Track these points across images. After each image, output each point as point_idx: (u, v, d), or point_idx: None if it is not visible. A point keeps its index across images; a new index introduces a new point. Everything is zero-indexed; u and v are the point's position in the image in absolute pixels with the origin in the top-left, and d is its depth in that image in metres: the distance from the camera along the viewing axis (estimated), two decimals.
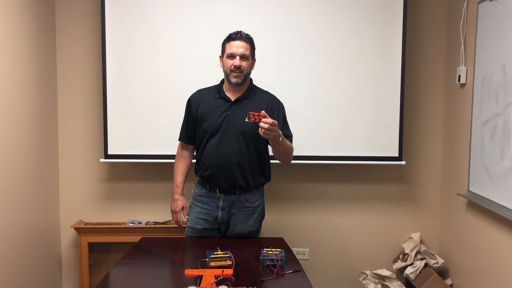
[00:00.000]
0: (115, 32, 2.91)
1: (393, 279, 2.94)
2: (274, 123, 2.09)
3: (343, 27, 2.92)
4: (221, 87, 2.42)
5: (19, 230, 2.63)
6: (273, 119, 2.32)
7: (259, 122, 2.08)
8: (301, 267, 2.01)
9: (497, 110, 2.38)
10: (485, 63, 2.52)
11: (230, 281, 1.76)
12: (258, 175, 2.41)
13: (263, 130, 2.09)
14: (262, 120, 2.08)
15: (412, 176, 3.17)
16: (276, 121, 2.12)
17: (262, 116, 2.08)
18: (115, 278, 1.97)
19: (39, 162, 2.85)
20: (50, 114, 3.01)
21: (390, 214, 3.19)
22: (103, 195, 3.15)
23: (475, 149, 2.61)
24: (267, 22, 2.91)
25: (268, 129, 2.08)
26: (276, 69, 2.93)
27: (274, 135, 2.14)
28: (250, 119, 2.08)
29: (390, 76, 2.95)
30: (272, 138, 2.16)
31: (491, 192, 2.44)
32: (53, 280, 3.08)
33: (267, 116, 2.10)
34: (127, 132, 2.96)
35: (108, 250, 3.11)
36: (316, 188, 3.17)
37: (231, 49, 2.30)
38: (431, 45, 3.09)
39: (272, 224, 3.12)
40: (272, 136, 2.14)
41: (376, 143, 2.99)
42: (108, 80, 2.92)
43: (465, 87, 2.80)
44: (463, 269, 2.82)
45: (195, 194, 2.47)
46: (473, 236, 2.69)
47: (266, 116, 2.09)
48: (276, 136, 2.16)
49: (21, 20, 2.62)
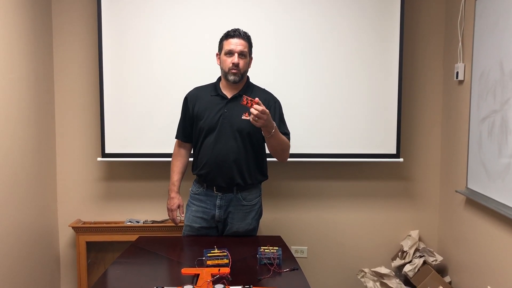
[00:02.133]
0: (111, 31, 2.91)
1: (391, 276, 2.94)
2: (264, 111, 2.07)
3: (340, 25, 2.92)
4: (217, 85, 2.41)
5: (17, 230, 2.63)
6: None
7: (251, 106, 2.07)
8: (298, 265, 2.00)
9: (494, 107, 2.37)
10: (483, 60, 2.51)
11: (226, 280, 1.75)
12: (256, 173, 2.40)
13: (252, 116, 2.08)
14: (254, 106, 2.06)
15: (410, 174, 3.16)
16: (267, 110, 2.09)
17: (255, 102, 2.07)
18: (112, 277, 1.96)
19: (36, 161, 2.85)
20: (47, 113, 3.00)
21: (388, 212, 3.18)
22: (101, 194, 3.15)
23: (473, 146, 2.61)
24: (265, 20, 2.90)
25: (257, 115, 2.06)
26: (274, 67, 2.92)
27: (264, 124, 2.11)
28: (243, 102, 2.08)
29: (388, 73, 2.94)
30: (263, 126, 2.14)
31: (489, 189, 2.43)
32: (51, 279, 3.08)
33: (261, 103, 2.08)
34: (124, 131, 2.95)
35: (106, 249, 3.10)
36: (314, 186, 3.16)
37: (229, 46, 2.28)
38: (429, 42, 3.08)
39: (270, 222, 3.12)
40: (260, 124, 2.11)
41: (374, 140, 2.99)
42: (105, 79, 2.92)
43: (463, 84, 2.80)
44: (462, 266, 2.81)
45: (192, 193, 2.47)
46: (472, 234, 2.68)
47: (259, 103, 2.07)
48: (267, 126, 2.13)
49: (18, 20, 2.61)
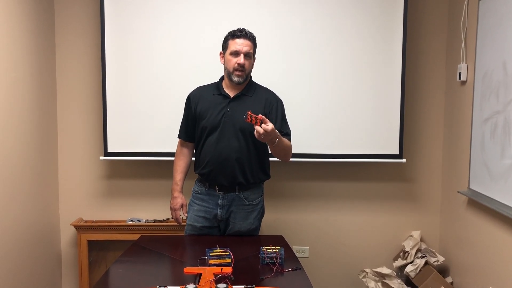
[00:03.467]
0: (114, 30, 2.91)
1: (393, 277, 2.93)
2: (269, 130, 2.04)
3: (344, 25, 2.91)
4: (220, 84, 2.40)
5: (19, 229, 2.63)
6: (271, 115, 2.32)
7: (255, 124, 2.04)
8: (301, 265, 2.00)
9: (497, 108, 2.37)
10: (486, 60, 2.51)
11: (229, 279, 1.75)
12: (258, 172, 2.40)
13: (257, 134, 2.06)
14: (262, 126, 2.03)
15: (413, 174, 3.16)
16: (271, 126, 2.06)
17: (259, 120, 2.04)
18: (114, 276, 1.96)
19: (38, 160, 2.85)
20: (50, 112, 3.00)
21: (390, 212, 3.18)
22: (103, 193, 3.15)
23: (476, 147, 2.60)
24: (269, 20, 2.90)
25: (263, 134, 2.04)
26: (277, 66, 2.92)
27: (269, 139, 2.12)
28: (247, 119, 2.05)
29: (390, 73, 2.94)
30: (268, 141, 2.15)
31: (491, 190, 2.43)
32: (53, 278, 3.08)
33: (265, 120, 2.05)
34: (127, 130, 2.95)
35: (108, 248, 3.10)
36: (316, 186, 3.16)
37: (235, 46, 2.27)
38: (431, 43, 3.08)
39: (272, 222, 3.12)
40: (266, 140, 2.13)
41: (377, 141, 2.98)
42: (108, 78, 2.92)
43: (465, 84, 2.79)
44: (464, 267, 2.81)
45: (195, 192, 2.47)
46: (474, 234, 2.68)
47: (264, 120, 2.04)
48: (272, 138, 2.13)
49: (20, 19, 2.61)
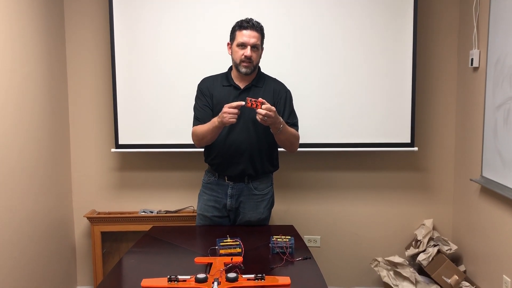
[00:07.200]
0: (123, 24, 2.92)
1: (405, 266, 2.92)
2: (269, 108, 2.06)
3: (354, 12, 2.88)
4: (229, 75, 2.39)
5: (34, 221, 2.68)
6: (279, 106, 2.31)
7: (255, 108, 2.07)
8: (311, 254, 2.00)
9: (510, 94, 2.33)
10: (498, 46, 2.46)
11: (239, 269, 1.76)
12: (267, 163, 2.40)
13: (260, 117, 2.07)
14: (262, 107, 2.05)
15: (425, 162, 3.13)
16: (272, 107, 2.08)
17: (260, 103, 2.06)
18: (126, 266, 1.99)
19: (51, 154, 2.89)
20: (61, 106, 3.04)
21: (402, 201, 3.16)
22: (115, 184, 3.18)
23: (488, 134, 2.57)
24: (281, 9, 2.88)
25: (265, 115, 2.06)
26: (287, 56, 2.90)
27: (273, 121, 2.11)
28: (247, 105, 2.07)
29: (401, 61, 2.90)
30: (271, 124, 2.14)
31: (504, 177, 2.40)
32: (68, 269, 3.13)
33: (265, 102, 2.07)
34: (137, 122, 2.97)
35: (121, 239, 3.15)
36: (327, 176, 3.15)
37: (242, 38, 2.25)
38: (443, 29, 3.03)
39: (283, 212, 3.12)
40: (270, 122, 2.12)
41: (388, 130, 2.96)
42: (117, 71, 2.94)
43: (478, 71, 2.75)
44: (477, 255, 2.79)
45: (204, 182, 2.48)
46: (487, 222, 2.65)
47: (264, 103, 2.07)
48: (275, 123, 2.13)
49: (31, 15, 2.64)
